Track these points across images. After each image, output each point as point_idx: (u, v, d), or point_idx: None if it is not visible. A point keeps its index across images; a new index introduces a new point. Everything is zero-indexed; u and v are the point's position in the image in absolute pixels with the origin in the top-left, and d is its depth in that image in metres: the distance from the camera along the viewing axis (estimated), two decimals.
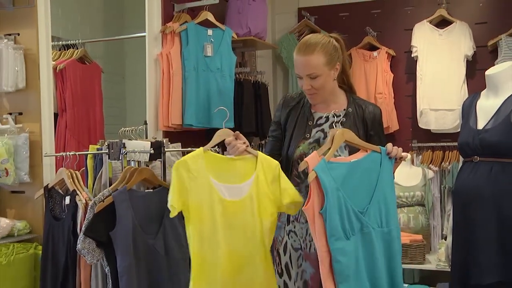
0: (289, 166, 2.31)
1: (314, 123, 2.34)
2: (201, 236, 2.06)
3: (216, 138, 2.19)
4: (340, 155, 2.26)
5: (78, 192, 2.60)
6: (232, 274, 2.07)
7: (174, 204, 2.03)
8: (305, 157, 2.15)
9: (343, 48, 2.32)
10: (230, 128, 3.92)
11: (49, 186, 2.78)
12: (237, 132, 2.21)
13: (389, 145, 2.17)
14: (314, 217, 1.99)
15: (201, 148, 2.12)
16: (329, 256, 1.98)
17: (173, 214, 2.04)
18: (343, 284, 1.97)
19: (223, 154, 2.33)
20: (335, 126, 2.30)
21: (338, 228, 1.98)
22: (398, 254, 2.12)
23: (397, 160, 2.18)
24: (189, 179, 2.05)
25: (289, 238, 2.33)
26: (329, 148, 2.07)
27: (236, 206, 2.09)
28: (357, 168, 2.09)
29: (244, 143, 2.17)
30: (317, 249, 2.01)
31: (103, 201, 2.30)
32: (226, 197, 2.09)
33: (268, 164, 2.16)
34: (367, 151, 2.14)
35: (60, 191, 2.73)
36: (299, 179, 2.29)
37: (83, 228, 2.32)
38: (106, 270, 2.36)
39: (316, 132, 2.32)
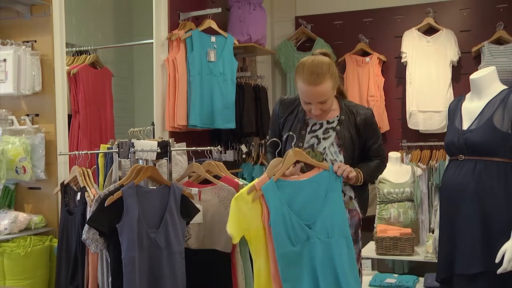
0: None
1: (309, 129, 2.34)
2: (264, 254, 2.16)
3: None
4: (335, 160, 2.27)
5: (87, 188, 2.60)
6: None
7: (232, 233, 2.14)
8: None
9: (333, 60, 2.31)
10: (231, 129, 4.00)
11: (65, 182, 2.79)
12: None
13: (335, 165, 2.19)
14: (265, 227, 2.12)
15: (257, 184, 2.18)
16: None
17: (234, 241, 2.16)
18: (286, 283, 2.09)
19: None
20: (329, 132, 2.31)
21: (284, 238, 2.10)
22: (347, 261, 2.14)
23: (345, 179, 2.19)
24: (248, 209, 2.15)
25: None
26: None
27: None
28: (306, 185, 2.16)
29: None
30: (270, 253, 2.12)
31: (113, 195, 2.30)
32: None
33: None
34: (319, 169, 2.18)
35: (74, 187, 2.73)
36: None
37: (88, 219, 2.33)
38: (106, 259, 2.37)
39: (311, 138, 2.32)
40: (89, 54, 3.86)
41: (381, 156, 2.43)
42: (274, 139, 2.39)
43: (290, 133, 2.35)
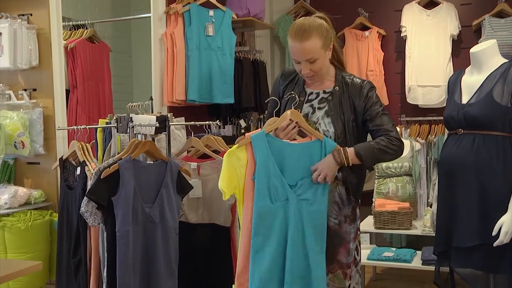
0: None
1: (306, 99, 2.32)
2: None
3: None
4: (328, 131, 2.23)
5: (87, 163, 2.60)
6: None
7: (223, 188, 2.09)
8: None
9: (331, 26, 2.26)
10: (230, 104, 3.99)
11: (64, 157, 2.78)
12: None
13: (314, 175, 2.12)
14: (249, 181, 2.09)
15: (247, 134, 2.14)
16: (249, 215, 2.08)
17: (225, 197, 2.11)
18: (255, 237, 2.06)
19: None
20: (324, 102, 2.28)
21: (264, 192, 2.06)
22: (318, 233, 2.11)
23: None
24: (240, 166, 2.10)
25: None
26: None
27: None
28: (297, 149, 2.13)
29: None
30: (244, 208, 2.10)
31: (109, 168, 2.30)
32: None
33: None
34: (311, 139, 2.16)
35: (73, 162, 2.73)
36: None
37: (87, 191, 2.33)
38: (104, 233, 2.38)
39: (307, 107, 2.29)
40: (86, 28, 3.82)
41: (386, 132, 2.19)
42: (273, 98, 2.36)
43: (292, 93, 2.33)
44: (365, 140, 2.30)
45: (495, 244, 2.34)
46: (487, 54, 2.53)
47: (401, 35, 4.58)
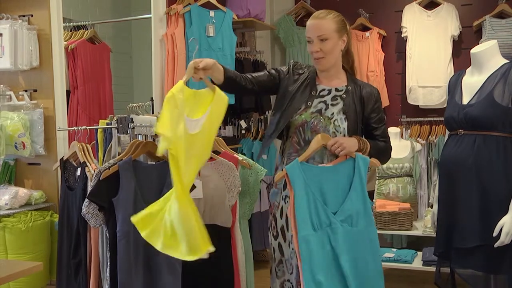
0: (291, 133, 2.32)
1: (317, 94, 2.35)
2: (178, 167, 1.88)
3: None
4: (339, 126, 2.28)
5: (87, 164, 2.60)
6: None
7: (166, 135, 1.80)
8: (306, 125, 2.26)
9: (349, 29, 2.38)
10: (230, 104, 3.97)
11: (64, 158, 2.78)
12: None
13: (331, 141, 2.19)
14: (292, 211, 2.11)
15: (181, 81, 1.92)
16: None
17: (162, 149, 1.82)
18: (305, 264, 2.07)
19: None
20: (337, 99, 2.33)
21: (306, 220, 2.08)
22: (370, 253, 2.14)
23: (370, 169, 2.23)
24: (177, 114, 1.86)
25: (285, 203, 2.33)
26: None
27: (193, 140, 1.92)
28: (333, 172, 2.16)
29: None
30: (294, 239, 2.12)
31: (109, 169, 2.30)
32: (189, 130, 1.91)
33: (222, 98, 2.04)
34: (346, 157, 2.19)
35: (74, 163, 2.73)
36: (299, 145, 2.30)
37: (88, 193, 2.33)
38: (106, 234, 2.38)
39: (319, 103, 2.32)
40: (87, 29, 3.83)
41: (387, 139, 2.40)
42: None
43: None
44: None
45: (496, 245, 2.34)
46: (488, 55, 2.53)
47: (402, 35, 4.58)
